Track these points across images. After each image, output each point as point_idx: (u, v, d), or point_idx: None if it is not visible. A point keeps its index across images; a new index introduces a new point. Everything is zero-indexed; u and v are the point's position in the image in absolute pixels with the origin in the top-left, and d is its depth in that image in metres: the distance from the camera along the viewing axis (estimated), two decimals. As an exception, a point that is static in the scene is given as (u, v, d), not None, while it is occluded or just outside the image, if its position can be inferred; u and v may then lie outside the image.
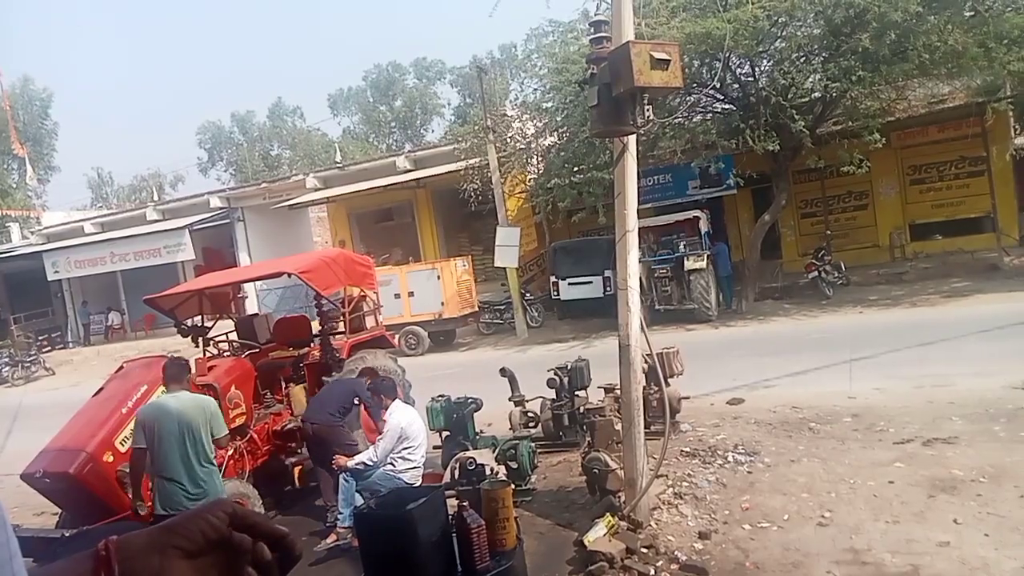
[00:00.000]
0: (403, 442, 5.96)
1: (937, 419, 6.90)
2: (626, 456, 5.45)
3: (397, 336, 17.55)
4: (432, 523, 4.24)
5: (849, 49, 12.76)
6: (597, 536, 4.96)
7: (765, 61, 14.86)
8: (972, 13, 12.73)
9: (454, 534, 4.30)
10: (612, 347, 5.81)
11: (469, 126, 19.56)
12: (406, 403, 6.72)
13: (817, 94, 14.43)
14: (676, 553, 4.88)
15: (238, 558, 0.82)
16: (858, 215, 19.70)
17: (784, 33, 14.00)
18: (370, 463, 5.87)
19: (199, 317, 8.18)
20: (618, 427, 5.90)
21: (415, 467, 6.09)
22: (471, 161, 18.43)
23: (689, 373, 7.96)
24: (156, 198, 35.05)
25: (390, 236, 23.98)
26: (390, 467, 5.96)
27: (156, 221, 26.63)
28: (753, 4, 12.15)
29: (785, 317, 14.83)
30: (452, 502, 4.69)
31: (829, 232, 18.75)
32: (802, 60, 14.21)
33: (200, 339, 8.08)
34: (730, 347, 12.40)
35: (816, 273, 16.06)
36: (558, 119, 16.18)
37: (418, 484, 5.84)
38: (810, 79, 14.26)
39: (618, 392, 6.04)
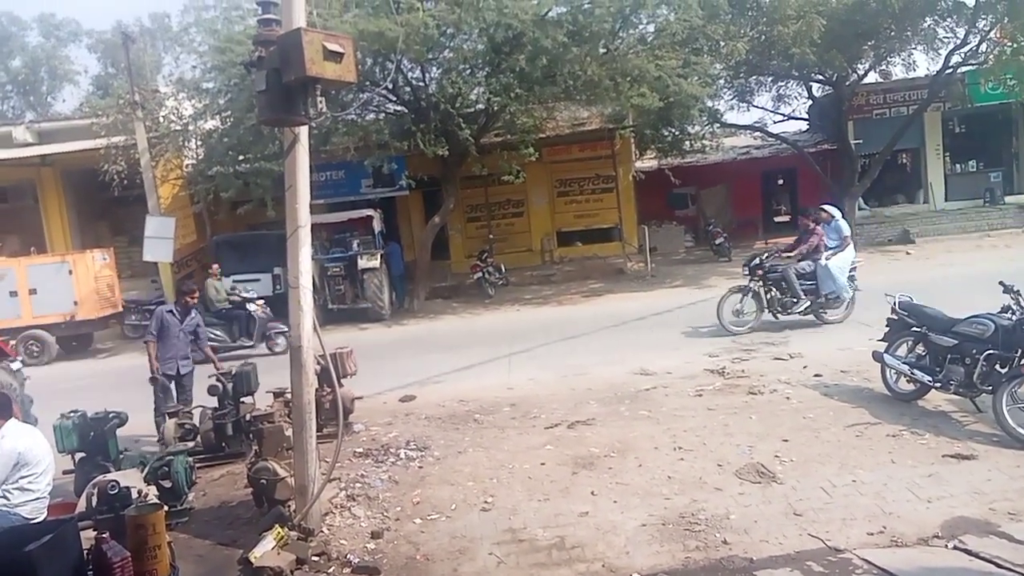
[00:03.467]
0: (20, 470, 4.90)
1: (579, 404, 7.82)
2: (297, 462, 5.18)
3: (13, 342, 14.65)
4: (60, 564, 3.53)
5: (508, 67, 13.94)
6: (264, 551, 4.63)
7: (435, 68, 15.53)
8: (605, 51, 14.83)
9: (91, 572, 3.64)
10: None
11: (112, 99, 17.05)
12: (25, 423, 5.56)
13: (481, 106, 15.52)
14: (348, 556, 4.77)
15: None
16: (516, 221, 21.74)
17: (452, 44, 14.79)
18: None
19: None
20: (288, 433, 5.59)
21: (37, 498, 5.05)
22: (114, 139, 16.12)
23: (363, 372, 7.93)
24: None
25: (5, 221, 19.86)
26: (3, 501, 4.85)
27: None
28: (424, 12, 12.59)
29: (453, 315, 15.69)
30: (90, 534, 3.97)
31: (492, 236, 20.38)
32: (468, 72, 15.15)
33: None
34: (403, 345, 12.70)
35: (480, 274, 17.33)
36: (221, 102, 14.98)
37: (42, 518, 4.86)
38: (475, 91, 15.27)
39: (288, 396, 5.73)
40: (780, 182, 26.75)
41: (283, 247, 5.27)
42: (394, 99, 16.18)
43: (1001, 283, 6.36)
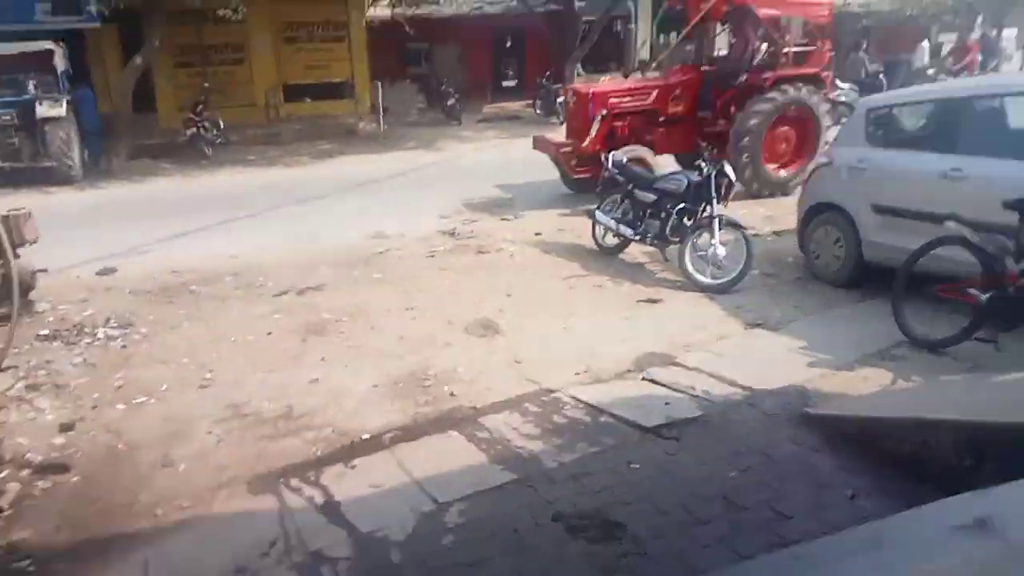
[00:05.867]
0: None
1: (309, 270, 7.49)
2: (-46, 355, 4.30)
3: None
4: None
5: None
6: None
7: None
8: None
9: None
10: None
11: None
12: None
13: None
14: (28, 456, 4.14)
15: None
16: (235, 70, 19.43)
17: None
18: None
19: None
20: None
21: None
22: None
23: (50, 243, 6.62)
24: None
25: None
26: None
27: None
28: None
29: (164, 177, 13.96)
30: None
31: (207, 85, 18.00)
32: None
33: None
34: (100, 211, 11.03)
35: (195, 130, 15.45)
36: None
37: None
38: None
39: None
40: (508, 44, 27.06)
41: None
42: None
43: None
